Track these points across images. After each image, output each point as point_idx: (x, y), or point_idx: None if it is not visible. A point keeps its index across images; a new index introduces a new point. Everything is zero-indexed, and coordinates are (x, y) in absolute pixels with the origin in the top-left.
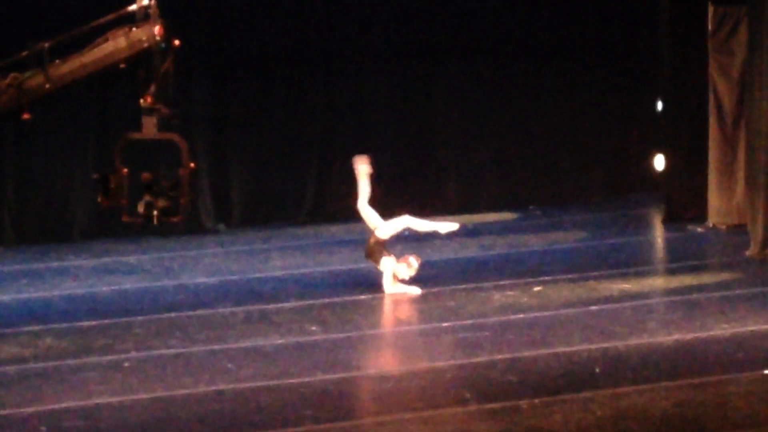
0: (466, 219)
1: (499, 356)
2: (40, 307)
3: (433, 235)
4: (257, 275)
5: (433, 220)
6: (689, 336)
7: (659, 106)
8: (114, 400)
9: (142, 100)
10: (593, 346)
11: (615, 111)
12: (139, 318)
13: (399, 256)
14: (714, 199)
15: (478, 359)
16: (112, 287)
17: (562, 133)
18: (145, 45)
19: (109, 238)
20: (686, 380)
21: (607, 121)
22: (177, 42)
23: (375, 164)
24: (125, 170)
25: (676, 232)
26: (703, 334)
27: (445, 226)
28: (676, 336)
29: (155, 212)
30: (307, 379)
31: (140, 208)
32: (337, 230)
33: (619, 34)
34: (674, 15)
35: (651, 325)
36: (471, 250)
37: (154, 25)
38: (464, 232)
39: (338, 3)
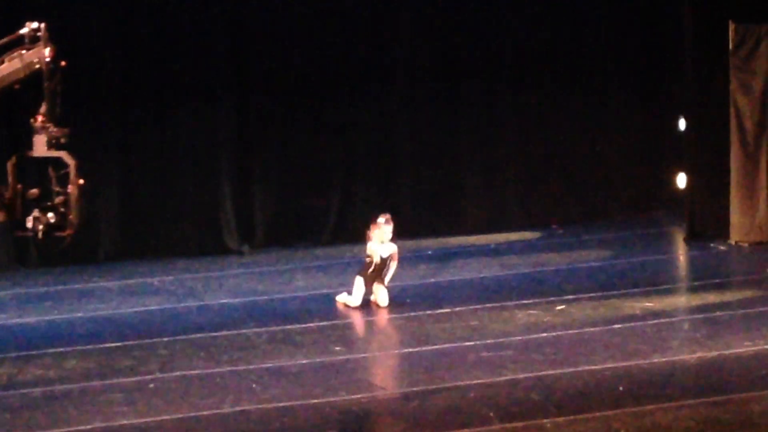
0: (489, 238)
1: (523, 375)
2: (65, 329)
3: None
4: (281, 296)
5: (456, 240)
6: (712, 354)
7: (681, 124)
8: (139, 421)
9: (32, 120)
10: (616, 365)
11: (637, 129)
12: (164, 339)
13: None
14: (736, 217)
15: (502, 378)
16: (137, 308)
17: (584, 152)
18: (37, 66)
19: (133, 260)
20: (709, 398)
21: (629, 139)
22: (64, 63)
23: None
24: (19, 186)
25: (699, 250)
26: (726, 352)
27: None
28: (699, 354)
29: (41, 227)
30: (331, 399)
31: (28, 223)
32: (359, 250)
33: (641, 52)
34: (696, 33)
35: (674, 344)
36: (493, 269)
37: (45, 47)
38: (486, 252)
39: (361, 25)
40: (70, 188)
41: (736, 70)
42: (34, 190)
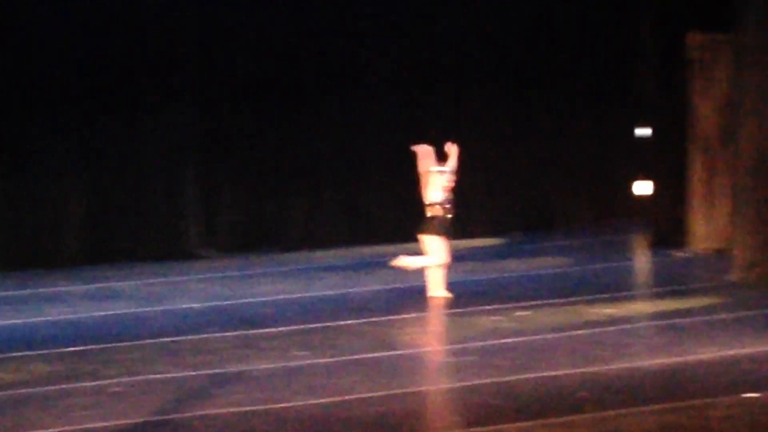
0: (453, 244)
1: (484, 380)
2: (29, 333)
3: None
4: (245, 300)
5: (418, 246)
6: (673, 360)
7: (642, 131)
8: (102, 425)
9: None
10: (578, 371)
11: (600, 136)
12: (127, 343)
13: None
14: (697, 224)
15: (463, 383)
16: (100, 312)
17: (546, 160)
18: None
19: (97, 264)
20: (670, 404)
21: (591, 146)
22: None
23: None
24: None
25: (660, 256)
26: (687, 358)
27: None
28: (660, 360)
29: None
30: (294, 404)
31: None
32: (324, 256)
33: (603, 61)
34: (657, 41)
35: (635, 350)
36: (456, 275)
37: None
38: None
39: (328, 31)
40: None
41: (696, 78)
42: None
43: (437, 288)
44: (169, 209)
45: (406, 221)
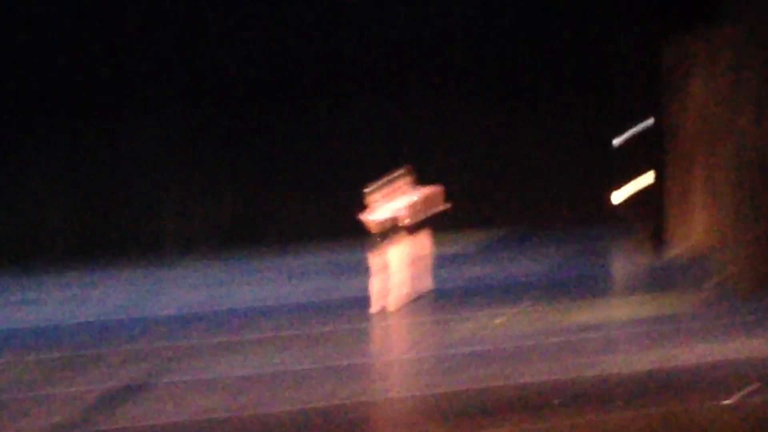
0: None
1: (461, 387)
2: (3, 339)
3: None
4: (223, 306)
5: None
6: (650, 366)
7: (620, 138)
8: (81, 431)
9: None
10: (555, 377)
11: (577, 143)
12: (104, 349)
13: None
14: (675, 229)
15: (441, 390)
16: (80, 319)
17: (524, 166)
18: None
19: (76, 270)
20: (647, 410)
21: (569, 152)
22: None
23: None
24: None
25: (638, 261)
26: (664, 365)
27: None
28: (637, 366)
29: None
30: (273, 410)
31: None
32: (303, 260)
33: (580, 67)
34: (631, 49)
35: (612, 356)
36: (434, 281)
37: None
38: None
39: (314, 31)
40: None
41: (672, 86)
42: None
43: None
44: (146, 213)
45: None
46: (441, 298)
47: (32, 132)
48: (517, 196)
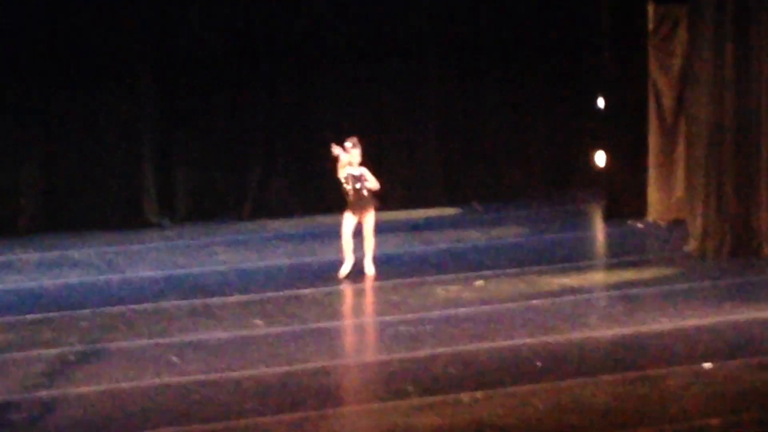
0: (409, 214)
1: (441, 350)
2: None
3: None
4: (201, 269)
5: (377, 216)
6: (629, 330)
7: (600, 102)
8: (59, 392)
9: None
10: (534, 340)
11: (556, 107)
12: (84, 311)
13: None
14: (654, 195)
15: (420, 353)
16: (57, 281)
17: (503, 129)
18: None
19: (53, 232)
20: (626, 374)
21: (548, 117)
22: None
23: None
24: None
25: (617, 227)
26: (642, 329)
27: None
28: (616, 330)
29: None
30: (250, 373)
31: None
32: (280, 225)
33: (560, 30)
34: (615, 13)
35: (591, 320)
36: (413, 245)
37: None
38: (407, 227)
39: (281, 3)
40: None
41: (655, 50)
42: None
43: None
44: (125, 178)
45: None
46: (420, 261)
47: (6, 101)
48: (499, 160)
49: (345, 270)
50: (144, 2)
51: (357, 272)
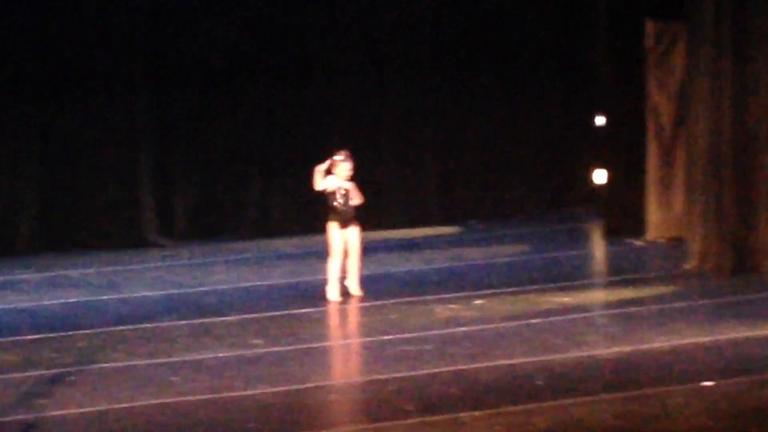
0: (408, 233)
1: (441, 369)
2: None
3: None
4: (201, 288)
5: (375, 234)
6: (628, 349)
7: (598, 120)
8: (58, 413)
9: None
10: (534, 359)
11: (555, 125)
12: (83, 331)
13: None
14: (652, 213)
15: (420, 372)
16: (56, 301)
17: (502, 148)
18: None
19: (52, 252)
20: (626, 392)
21: (547, 134)
22: None
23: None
24: None
25: (615, 245)
26: (642, 347)
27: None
28: (616, 349)
29: None
30: (250, 392)
31: None
32: (279, 244)
33: (558, 48)
34: (613, 30)
35: (591, 338)
36: (413, 263)
37: None
38: (405, 246)
39: (281, 16)
40: None
41: (653, 68)
42: None
43: (331, 288)
44: (124, 197)
45: (357, 211)
46: (420, 280)
47: (2, 117)
48: (496, 178)
49: (335, 292)
50: (140, 19)
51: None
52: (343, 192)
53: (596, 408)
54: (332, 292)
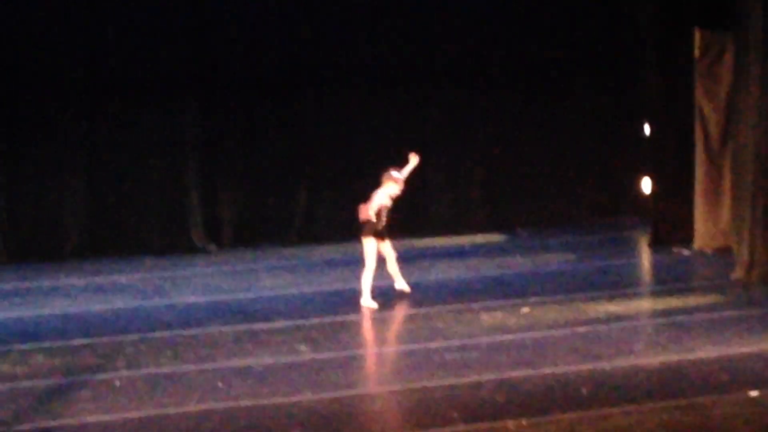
0: (455, 240)
1: (487, 377)
2: (32, 326)
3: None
4: (247, 295)
5: (421, 242)
6: (675, 358)
7: (646, 129)
8: (104, 419)
9: None
10: (580, 367)
11: (603, 134)
12: (130, 337)
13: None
14: (700, 222)
15: (466, 380)
16: (104, 306)
17: (549, 156)
18: None
19: (100, 257)
20: (672, 402)
21: (594, 143)
22: None
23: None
24: None
25: (663, 254)
26: (688, 356)
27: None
28: (662, 358)
29: None
30: (296, 399)
31: None
32: (325, 250)
33: (607, 56)
34: (661, 39)
35: (637, 347)
36: (459, 271)
37: None
38: (451, 254)
39: (329, 27)
40: None
41: (701, 77)
42: None
43: (366, 298)
44: (171, 203)
45: (404, 217)
46: (465, 287)
47: (52, 126)
48: (545, 186)
49: (370, 300)
50: (189, 30)
51: (403, 299)
52: (385, 209)
53: (642, 417)
54: (368, 301)
